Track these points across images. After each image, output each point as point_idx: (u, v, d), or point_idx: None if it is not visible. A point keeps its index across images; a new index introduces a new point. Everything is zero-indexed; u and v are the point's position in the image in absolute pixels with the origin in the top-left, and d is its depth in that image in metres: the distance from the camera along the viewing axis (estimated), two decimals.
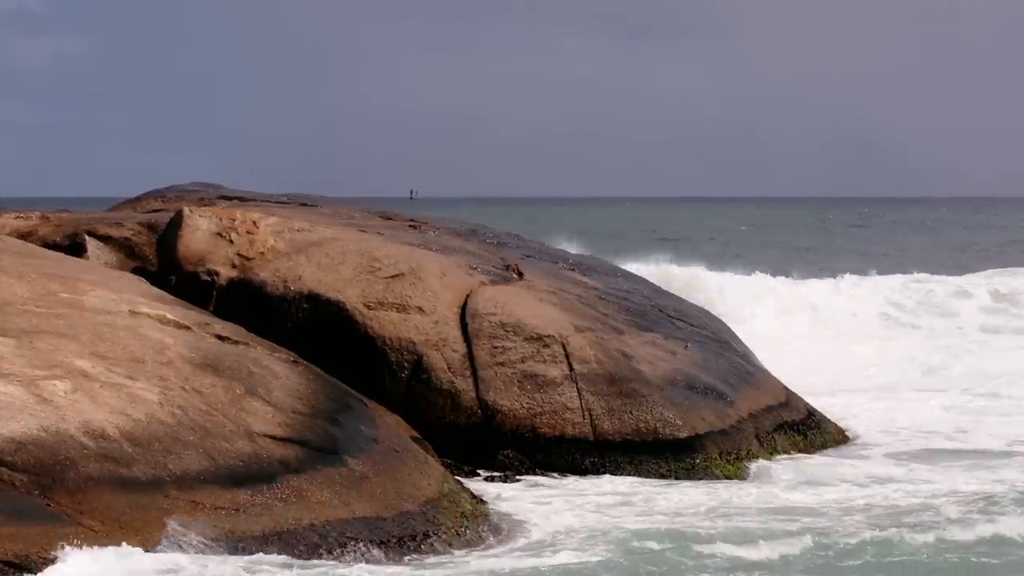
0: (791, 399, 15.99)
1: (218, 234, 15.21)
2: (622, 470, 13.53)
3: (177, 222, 15.42)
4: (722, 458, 13.89)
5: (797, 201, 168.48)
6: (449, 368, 13.87)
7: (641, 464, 13.59)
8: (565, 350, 14.06)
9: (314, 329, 14.12)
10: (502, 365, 13.89)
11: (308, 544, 9.79)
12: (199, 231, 15.24)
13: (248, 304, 14.40)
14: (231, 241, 15.15)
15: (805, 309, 26.15)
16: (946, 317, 25.94)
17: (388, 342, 14.01)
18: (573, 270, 17.02)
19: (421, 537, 10.51)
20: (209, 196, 19.76)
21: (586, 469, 13.55)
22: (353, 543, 10.02)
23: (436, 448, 13.07)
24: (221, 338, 12.15)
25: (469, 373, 13.85)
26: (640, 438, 13.71)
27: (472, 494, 12.01)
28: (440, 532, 10.69)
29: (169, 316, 12.15)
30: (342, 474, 10.71)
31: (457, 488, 11.80)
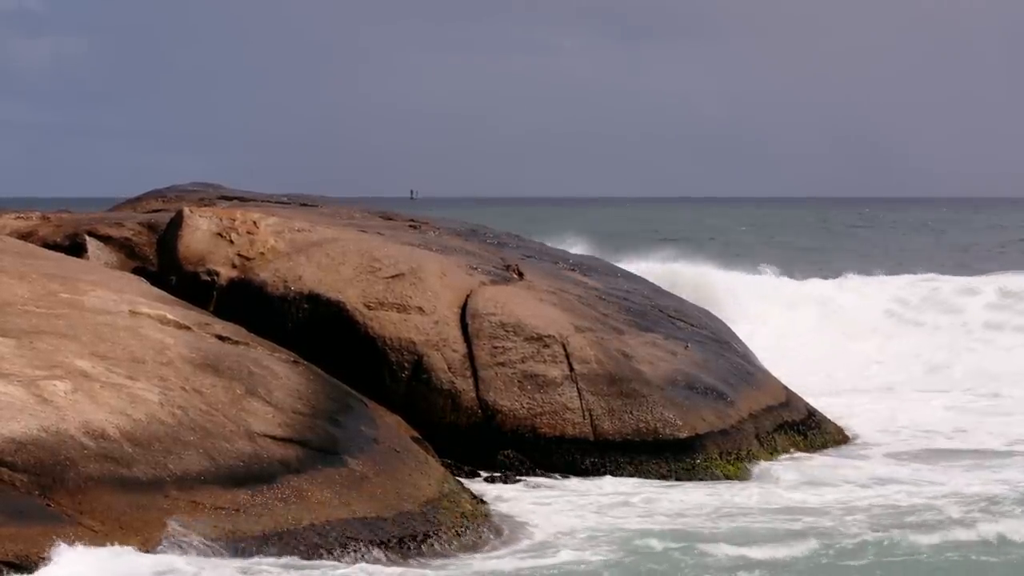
0: (791, 399, 15.99)
1: (218, 234, 15.21)
2: (622, 470, 13.52)
3: (177, 222, 15.42)
4: (722, 458, 13.88)
5: (797, 201, 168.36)
6: (449, 368, 13.87)
7: (641, 464, 13.58)
8: (565, 350, 14.06)
9: (314, 329, 14.12)
10: (502, 365, 13.88)
11: (308, 544, 9.78)
12: (199, 231, 15.24)
13: (248, 304, 14.40)
14: (231, 241, 15.14)
15: (810, 308, 26.04)
16: (952, 314, 25.82)
17: (388, 342, 14.00)
18: (573, 270, 17.01)
19: (421, 537, 10.50)
20: (209, 196, 19.76)
21: (586, 469, 13.54)
22: (353, 543, 10.01)
23: (436, 448, 13.06)
24: (221, 338, 12.14)
25: (469, 373, 13.84)
26: (640, 438, 13.70)
27: (472, 494, 12.00)
28: (440, 532, 10.68)
29: (169, 316, 12.15)
30: (342, 474, 10.70)
31: (457, 488, 11.79)
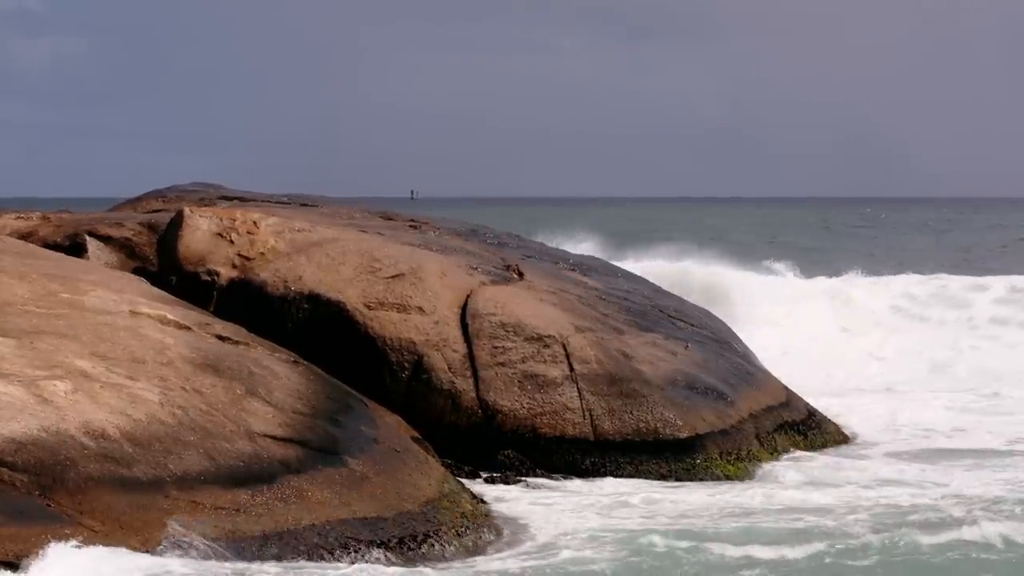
0: (791, 399, 15.99)
1: (218, 234, 15.21)
2: (622, 470, 13.52)
3: (177, 222, 15.42)
4: (722, 458, 13.88)
5: (797, 201, 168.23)
6: (449, 368, 13.87)
7: (641, 464, 13.58)
8: (565, 350, 14.05)
9: (314, 329, 14.12)
10: (502, 365, 13.88)
11: (308, 544, 9.78)
12: (199, 231, 15.24)
13: (248, 304, 14.40)
14: (231, 241, 15.14)
15: (821, 307, 25.98)
16: (960, 312, 25.75)
17: (388, 342, 14.00)
18: (573, 270, 17.01)
19: (421, 537, 10.49)
20: (209, 196, 19.77)
21: (586, 469, 13.54)
22: (353, 543, 10.01)
23: (436, 448, 13.05)
24: (221, 338, 12.14)
25: (469, 373, 13.84)
26: (640, 438, 13.70)
27: (472, 494, 12.00)
28: (440, 532, 10.68)
29: (169, 316, 12.14)
30: (342, 474, 10.70)
31: (457, 488, 11.79)
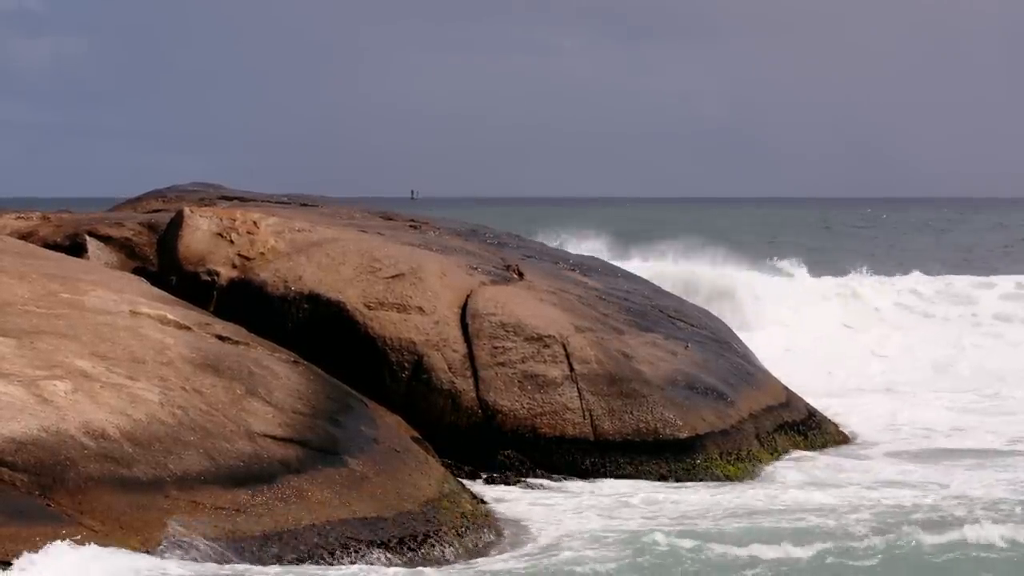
0: (791, 399, 16.00)
1: (219, 234, 15.21)
2: (622, 470, 13.52)
3: (178, 222, 15.42)
4: (722, 458, 13.88)
5: (797, 201, 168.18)
6: (449, 368, 13.87)
7: (641, 464, 13.58)
8: (565, 350, 14.05)
9: (314, 329, 14.12)
10: (502, 365, 13.88)
11: (308, 544, 9.78)
12: (199, 231, 15.24)
13: (248, 304, 14.40)
14: (231, 241, 15.14)
15: (823, 308, 25.95)
16: (968, 310, 25.72)
17: (388, 342, 14.00)
18: (573, 270, 17.01)
19: (422, 538, 10.49)
20: (209, 196, 19.77)
21: (586, 470, 13.54)
22: (353, 543, 10.01)
23: (436, 448, 13.05)
24: (221, 338, 12.14)
25: (469, 373, 13.84)
26: (640, 438, 13.70)
27: (472, 495, 12.00)
28: (440, 532, 10.68)
29: (169, 316, 12.14)
30: (342, 474, 10.70)
31: (457, 488, 11.79)
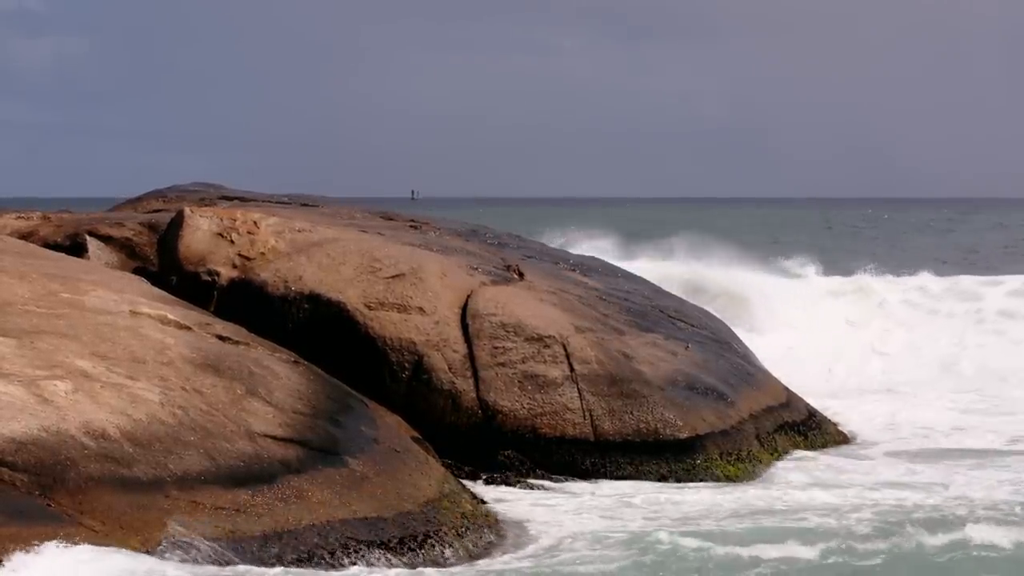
0: (792, 399, 16.00)
1: (219, 234, 15.21)
2: (622, 471, 13.52)
3: (178, 222, 15.43)
4: (723, 459, 13.88)
5: (797, 202, 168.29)
6: (450, 368, 13.87)
7: (641, 465, 13.58)
8: (566, 351, 14.06)
9: (315, 329, 14.12)
10: (503, 366, 13.88)
11: (308, 544, 9.78)
12: (200, 231, 15.24)
13: (249, 304, 14.40)
14: (232, 241, 15.15)
15: (828, 308, 25.89)
16: (970, 303, 25.67)
17: (389, 342, 14.00)
18: (574, 270, 17.01)
19: (422, 538, 10.49)
20: (210, 196, 19.78)
21: (587, 470, 13.54)
22: (354, 544, 10.00)
23: (436, 449, 13.05)
24: (222, 338, 12.15)
25: (470, 373, 13.84)
26: (641, 439, 13.70)
27: (473, 495, 12.00)
28: (441, 533, 10.68)
29: (170, 316, 12.15)
30: (342, 474, 10.70)
31: (458, 489, 11.79)
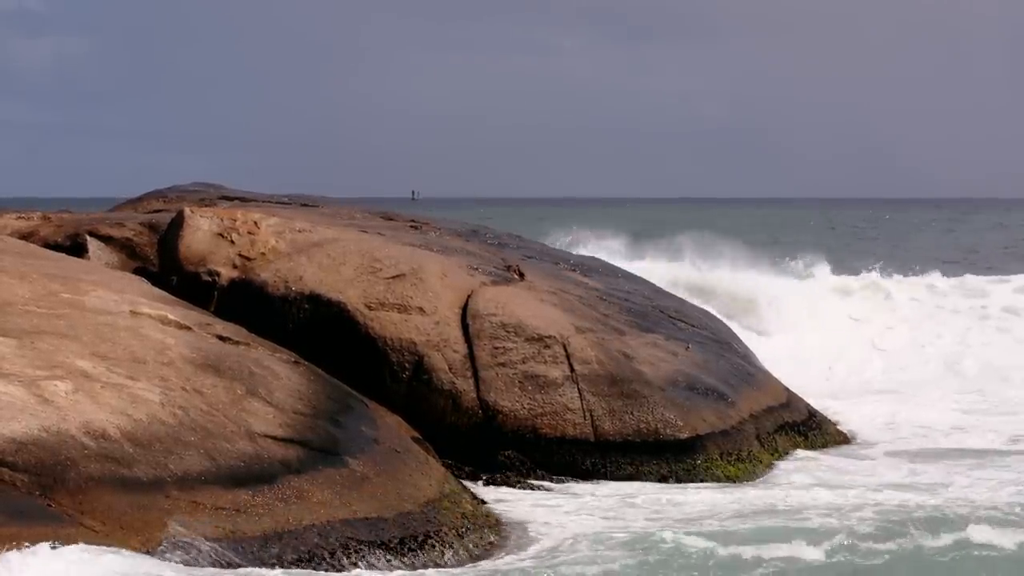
0: (792, 400, 16.00)
1: (219, 234, 15.21)
2: (623, 471, 13.52)
3: (178, 222, 15.43)
4: (723, 459, 13.88)
5: (798, 202, 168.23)
6: (450, 369, 13.87)
7: (642, 465, 13.58)
8: (566, 351, 14.06)
9: (315, 330, 14.12)
10: (503, 366, 13.88)
11: (308, 545, 9.78)
12: (200, 231, 15.24)
13: (249, 304, 14.40)
14: (232, 241, 15.15)
15: (834, 309, 25.88)
16: (977, 300, 25.66)
17: (389, 343, 14.00)
18: (574, 271, 17.02)
19: (422, 538, 10.49)
20: (210, 196, 19.78)
21: (587, 470, 13.54)
22: (354, 544, 10.01)
23: (437, 449, 13.06)
24: (222, 338, 12.15)
25: (470, 374, 13.84)
26: (641, 439, 13.70)
27: (473, 495, 12.00)
28: (441, 533, 10.68)
29: (170, 316, 12.15)
30: (343, 475, 10.70)
31: (458, 489, 11.79)
